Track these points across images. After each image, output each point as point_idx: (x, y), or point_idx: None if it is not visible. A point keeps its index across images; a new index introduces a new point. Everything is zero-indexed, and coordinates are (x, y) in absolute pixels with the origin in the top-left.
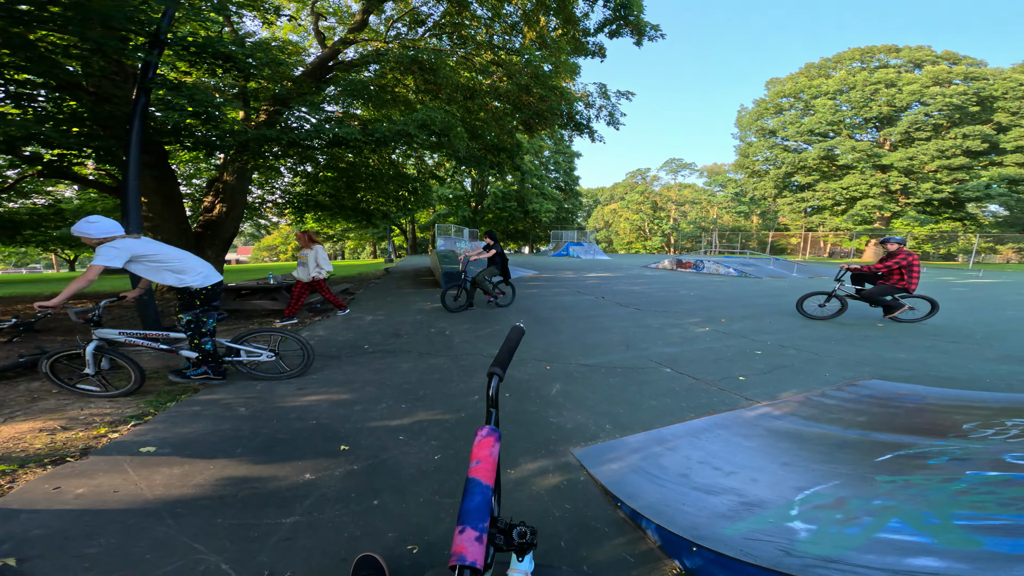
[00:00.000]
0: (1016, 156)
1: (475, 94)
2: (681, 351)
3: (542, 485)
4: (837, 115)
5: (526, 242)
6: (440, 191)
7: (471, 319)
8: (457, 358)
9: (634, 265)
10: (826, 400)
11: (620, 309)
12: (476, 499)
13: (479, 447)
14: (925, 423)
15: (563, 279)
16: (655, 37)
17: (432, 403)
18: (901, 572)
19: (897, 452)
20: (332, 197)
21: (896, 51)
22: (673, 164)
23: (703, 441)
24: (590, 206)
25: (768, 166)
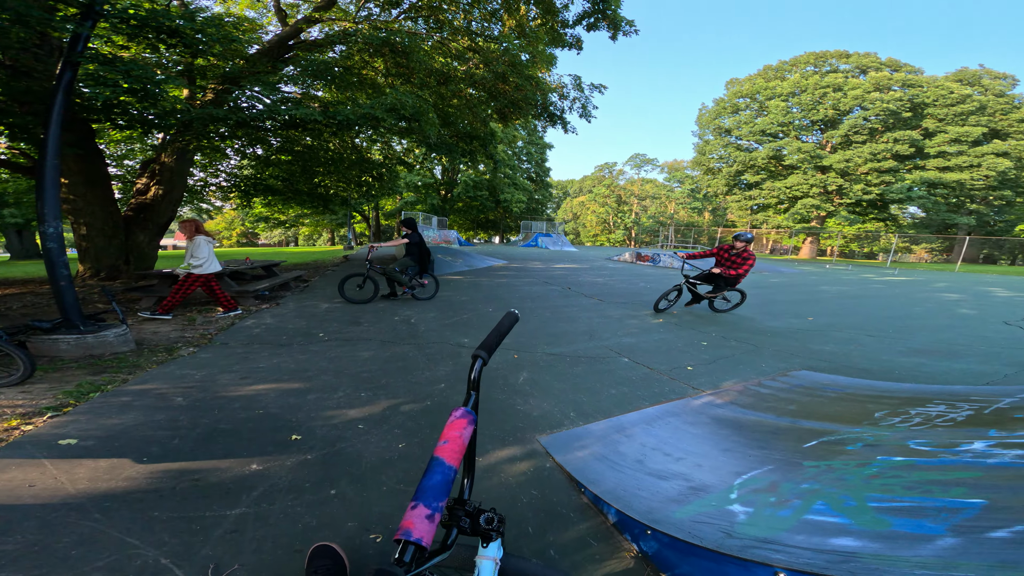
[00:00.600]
0: (937, 160)
1: (449, 80)
2: (638, 341)
3: (511, 472)
4: (788, 116)
5: (497, 232)
6: (408, 178)
7: (439, 308)
8: (423, 346)
9: (599, 257)
10: (762, 390)
11: (585, 300)
12: (436, 478)
13: (450, 427)
14: (844, 411)
15: (532, 269)
16: (629, 32)
17: (395, 391)
18: (826, 551)
19: (821, 439)
20: (285, 181)
21: (846, 57)
22: (637, 159)
23: (656, 428)
24: (560, 198)
25: (721, 164)
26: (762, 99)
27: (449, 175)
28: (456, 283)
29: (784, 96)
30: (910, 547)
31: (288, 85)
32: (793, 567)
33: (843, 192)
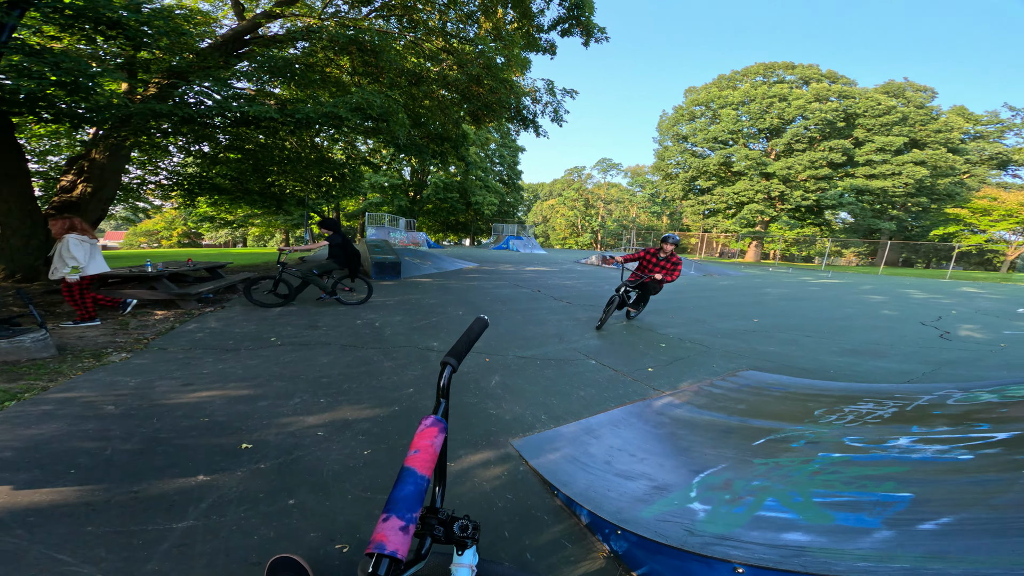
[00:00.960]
0: (865, 168)
1: (422, 80)
2: (603, 344)
3: (485, 476)
4: (737, 125)
5: (467, 234)
6: (374, 178)
7: (406, 311)
8: (389, 351)
9: (567, 260)
10: (714, 390)
11: (554, 303)
12: (407, 488)
13: (420, 436)
14: (787, 410)
15: (503, 272)
16: (601, 39)
17: (359, 397)
18: (778, 546)
19: (769, 436)
20: (234, 180)
21: (792, 68)
22: (604, 164)
23: (622, 429)
24: (531, 200)
25: (679, 170)
26: (715, 107)
27: (419, 176)
28: (424, 286)
29: (735, 105)
30: (852, 540)
31: (242, 81)
32: (750, 562)
33: (784, 198)
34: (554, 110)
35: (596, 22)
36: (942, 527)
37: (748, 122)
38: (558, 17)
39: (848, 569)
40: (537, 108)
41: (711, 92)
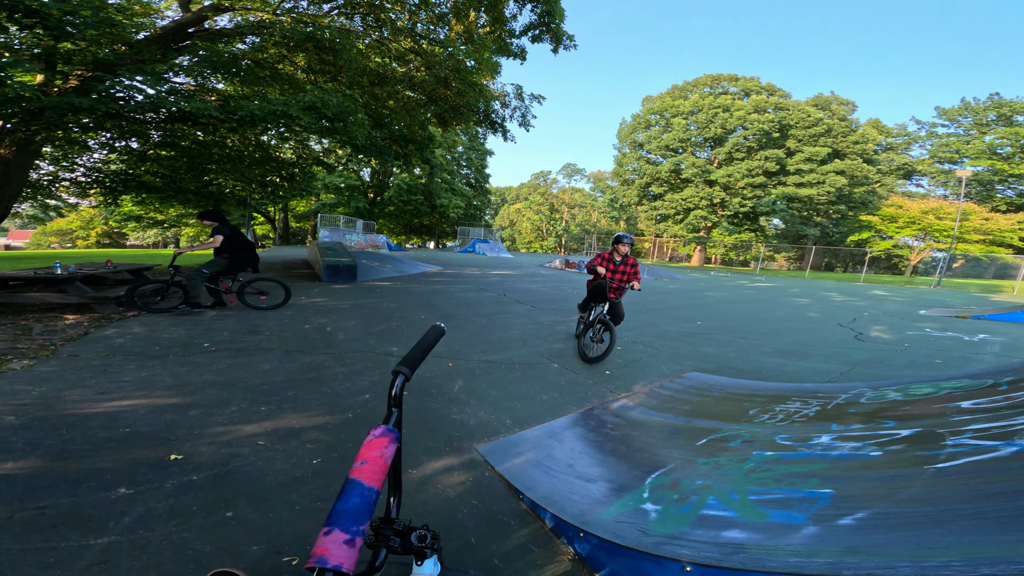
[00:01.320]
0: (795, 177)
1: (385, 81)
2: (565, 347)
3: (449, 483)
4: (687, 133)
5: (432, 237)
6: (328, 179)
7: (362, 315)
8: (342, 356)
9: (532, 264)
10: (663, 391)
11: (519, 307)
12: (352, 500)
13: (368, 447)
14: (726, 410)
15: (468, 276)
16: (569, 46)
17: (307, 404)
18: (720, 544)
19: (710, 436)
20: (166, 178)
21: (735, 80)
22: (568, 169)
23: (582, 431)
24: (498, 204)
25: (635, 176)
26: (668, 116)
27: (380, 178)
28: (384, 289)
29: (685, 114)
30: (783, 536)
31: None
32: (696, 560)
33: (725, 205)
34: (522, 115)
35: (565, 30)
36: (858, 522)
37: (696, 131)
38: (529, 23)
39: (780, 565)
40: (506, 112)
41: (665, 101)
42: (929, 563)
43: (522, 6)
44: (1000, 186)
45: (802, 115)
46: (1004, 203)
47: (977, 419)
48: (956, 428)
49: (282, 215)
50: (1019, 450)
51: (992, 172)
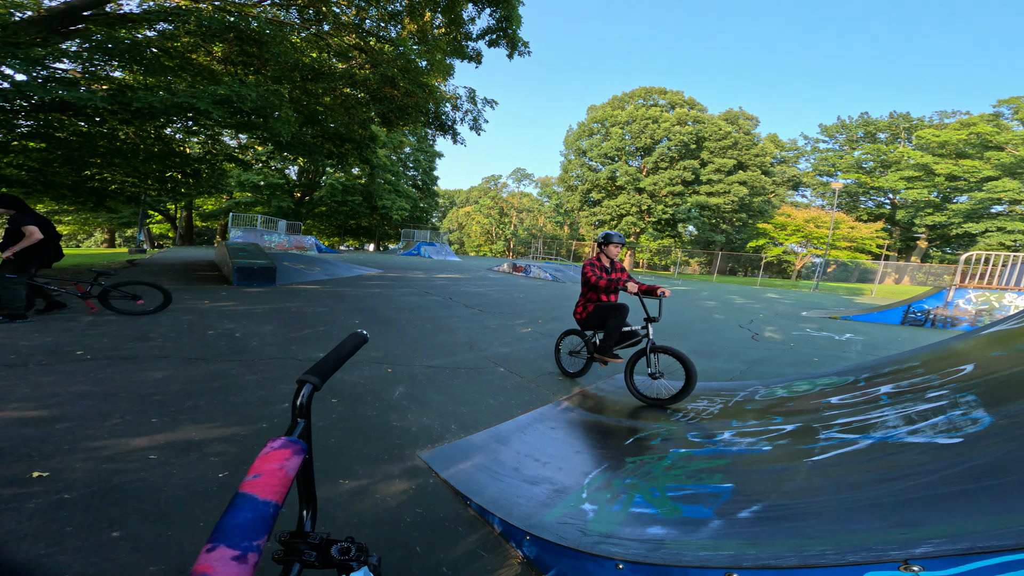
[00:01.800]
0: (706, 187)
1: (321, 77)
2: (511, 351)
3: (389, 492)
4: (622, 143)
5: (372, 239)
6: (244, 176)
7: (280, 320)
8: (254, 364)
9: (480, 267)
10: (598, 393)
11: (466, 311)
12: (243, 515)
13: (264, 460)
14: (649, 410)
15: (411, 279)
16: (524, 53)
17: (210, 415)
18: (644, 540)
19: (636, 436)
20: (34, 172)
21: (664, 93)
22: (518, 173)
23: (527, 435)
24: (446, 207)
25: (578, 182)
26: (608, 125)
27: (309, 176)
28: (311, 293)
29: (622, 124)
30: (695, 531)
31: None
32: (627, 558)
33: (651, 212)
34: (474, 118)
35: (521, 36)
36: (754, 515)
37: (630, 140)
38: (487, 27)
39: (693, 559)
40: (457, 115)
41: (606, 111)
42: (809, 552)
43: (481, 9)
44: (863, 197)
45: (715, 128)
46: (866, 213)
47: (842, 414)
48: (827, 423)
49: (185, 213)
50: (873, 443)
51: (858, 185)
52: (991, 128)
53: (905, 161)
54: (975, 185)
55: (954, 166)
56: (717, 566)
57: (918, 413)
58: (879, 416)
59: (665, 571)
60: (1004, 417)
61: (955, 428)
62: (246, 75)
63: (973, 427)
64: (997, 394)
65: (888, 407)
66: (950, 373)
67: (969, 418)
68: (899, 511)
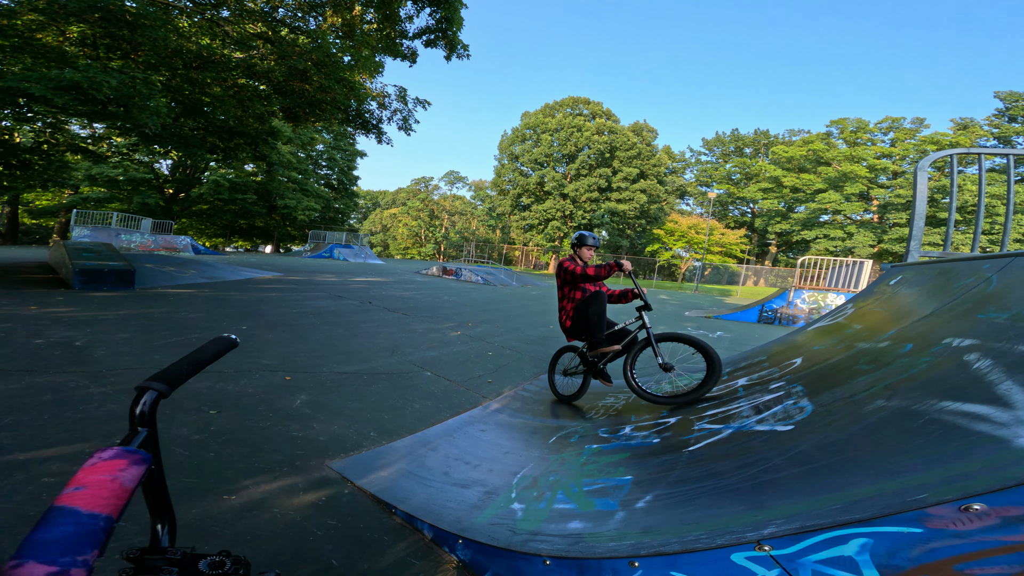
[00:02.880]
0: (616, 194)
1: (210, 65)
2: (439, 354)
3: (291, 505)
4: (551, 149)
5: (268, 241)
6: (95, 170)
7: (137, 327)
8: (100, 375)
9: (407, 271)
10: (525, 394)
11: (388, 315)
12: (63, 529)
13: (88, 472)
14: (569, 409)
15: (320, 283)
16: (463, 56)
17: (38, 433)
18: (566, 536)
19: (558, 434)
20: None
21: (588, 103)
22: (451, 176)
23: (456, 439)
24: (368, 208)
25: (510, 187)
26: (539, 132)
27: (186, 172)
28: (181, 297)
29: (551, 131)
30: (604, 523)
31: None
32: (552, 554)
33: (572, 217)
34: (403, 118)
35: (461, 39)
36: (648, 504)
37: (557, 147)
38: (425, 27)
39: (604, 550)
40: (384, 114)
41: (538, 118)
42: (688, 537)
43: (420, 8)
44: (731, 206)
45: (625, 139)
46: (733, 221)
47: (711, 405)
48: (699, 414)
49: (8, 209)
50: (733, 432)
51: (728, 195)
52: (823, 146)
53: (762, 174)
54: (810, 196)
55: (796, 179)
56: (622, 555)
57: (764, 403)
58: (737, 407)
59: (583, 564)
60: (820, 405)
61: (788, 416)
62: (109, 59)
63: (800, 415)
64: (817, 384)
65: (743, 399)
66: (786, 366)
67: (798, 407)
68: (751, 495)
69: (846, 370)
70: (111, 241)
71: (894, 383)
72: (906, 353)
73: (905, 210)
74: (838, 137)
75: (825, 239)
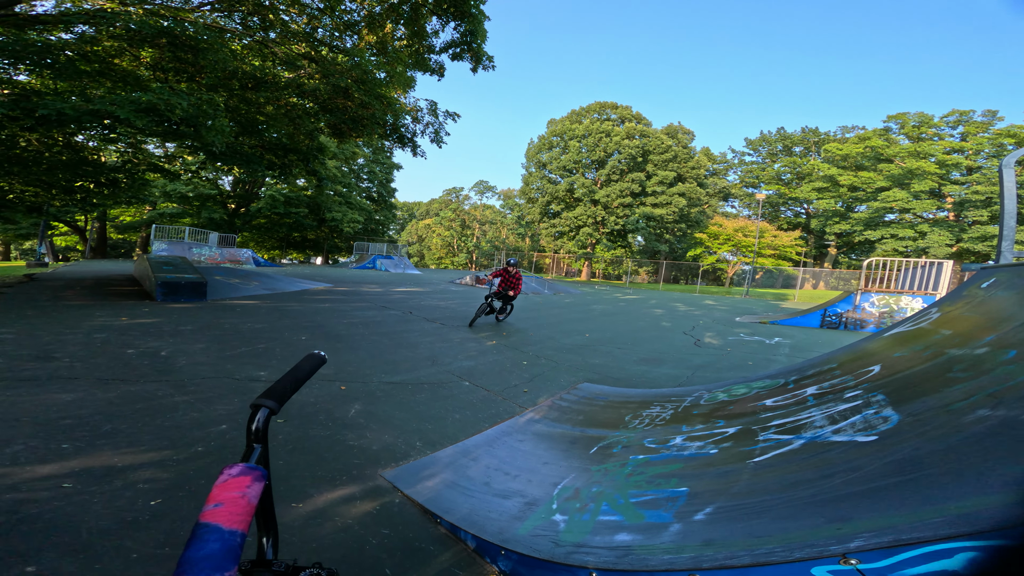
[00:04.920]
0: (651, 198)
1: (264, 85)
2: (476, 364)
3: (351, 514)
4: (579, 156)
5: (318, 252)
6: (170, 187)
7: (212, 338)
8: (183, 384)
9: (442, 280)
10: (562, 403)
11: (427, 324)
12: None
13: (222, 488)
14: (609, 418)
15: (366, 293)
16: (488, 67)
17: (134, 439)
18: (614, 548)
19: (599, 444)
20: None
21: (616, 108)
22: (481, 186)
23: (495, 449)
24: (405, 219)
25: (539, 194)
26: (567, 139)
27: (246, 187)
28: (248, 309)
29: (579, 137)
30: (657, 535)
31: None
32: (599, 566)
33: (604, 223)
34: (435, 131)
35: (486, 50)
36: (708, 516)
37: (586, 153)
38: (451, 40)
39: (659, 563)
40: (417, 128)
41: (564, 125)
42: (760, 550)
43: (445, 23)
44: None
45: (658, 142)
46: (785, 222)
47: (776, 415)
48: (764, 424)
49: (97, 225)
50: (805, 442)
51: (778, 195)
52: (882, 142)
53: (816, 173)
54: (871, 195)
55: (854, 177)
56: (681, 568)
57: (839, 413)
58: (807, 417)
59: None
60: (909, 415)
61: (870, 426)
62: (178, 82)
63: (884, 425)
64: (901, 393)
65: (814, 408)
66: (862, 374)
67: (880, 416)
68: (833, 507)
69: (937, 378)
70: (184, 254)
71: (998, 392)
72: (1009, 360)
73: (985, 207)
74: (898, 132)
75: (893, 239)
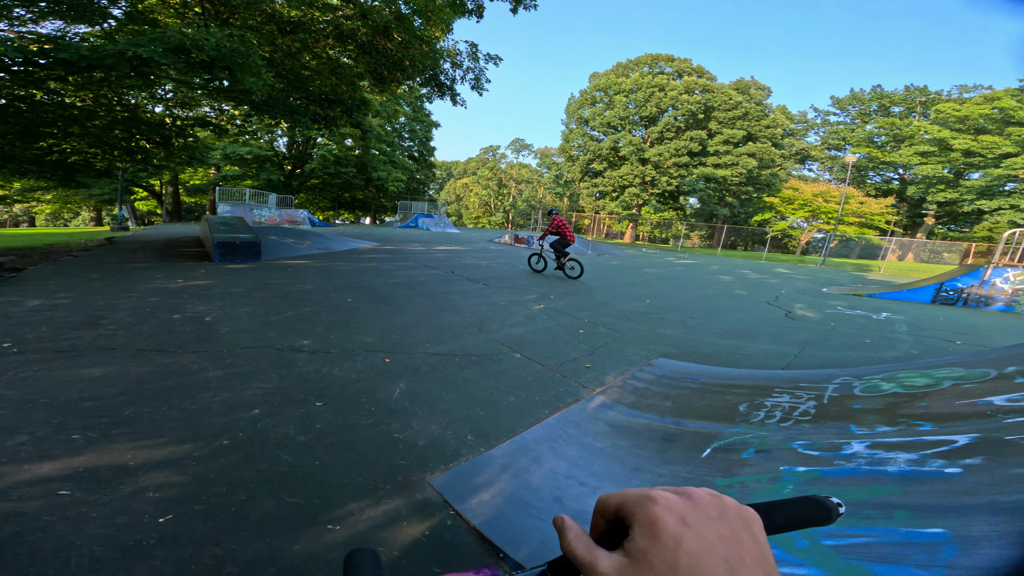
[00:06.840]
0: (713, 158)
1: (301, 27)
2: (526, 331)
3: (394, 543)
4: (626, 111)
5: (367, 212)
6: (230, 148)
7: (258, 300)
8: (221, 355)
9: (481, 239)
10: (637, 384)
11: (470, 285)
12: None
13: None
14: (711, 406)
15: (410, 252)
16: (530, 6)
17: (154, 428)
18: None
19: (713, 445)
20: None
21: (671, 61)
22: (517, 144)
23: (561, 446)
24: (444, 178)
25: (579, 152)
26: (611, 93)
27: (299, 148)
28: (299, 269)
29: (626, 92)
30: None
31: None
32: None
33: (654, 183)
34: (475, 77)
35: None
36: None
37: (634, 110)
38: None
39: None
40: (457, 73)
41: (609, 79)
42: None
43: None
44: (872, 172)
45: (724, 98)
46: (873, 188)
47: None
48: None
49: (171, 189)
50: None
51: (868, 159)
52: (1015, 103)
53: (920, 136)
54: (992, 161)
55: (972, 141)
56: None
57: None
58: None
59: None
60: None
61: None
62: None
63: None
64: None
65: None
66: None
67: None
68: None
69: None
70: (245, 216)
71: None
72: None
73: None
74: None
75: (1012, 210)
